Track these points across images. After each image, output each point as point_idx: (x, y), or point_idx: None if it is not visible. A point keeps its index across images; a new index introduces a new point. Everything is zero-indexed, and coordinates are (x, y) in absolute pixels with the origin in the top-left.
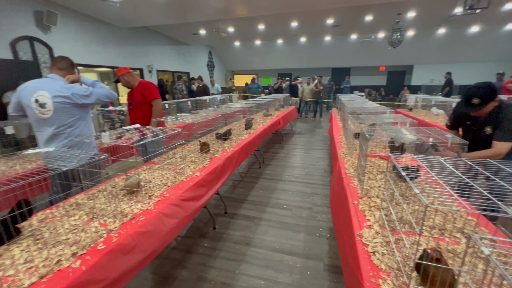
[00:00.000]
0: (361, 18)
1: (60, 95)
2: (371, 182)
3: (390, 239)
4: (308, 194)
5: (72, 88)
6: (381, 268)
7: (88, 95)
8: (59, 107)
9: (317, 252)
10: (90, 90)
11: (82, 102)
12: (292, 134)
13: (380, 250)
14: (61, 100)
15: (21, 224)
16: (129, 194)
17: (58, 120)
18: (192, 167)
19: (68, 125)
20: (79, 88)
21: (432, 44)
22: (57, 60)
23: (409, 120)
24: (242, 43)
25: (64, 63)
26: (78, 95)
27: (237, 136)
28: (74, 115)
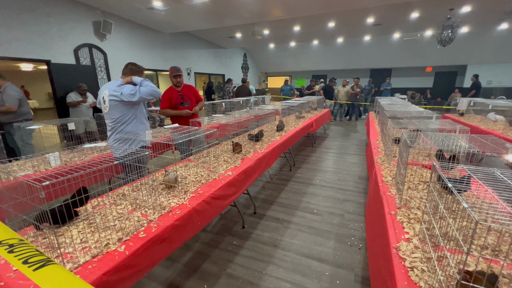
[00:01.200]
0: (406, 15)
1: (113, 94)
2: (411, 192)
3: (431, 256)
4: (340, 201)
5: (122, 88)
6: (420, 286)
7: (134, 93)
8: (112, 104)
9: (348, 262)
10: (135, 89)
11: (128, 100)
12: (325, 137)
13: (419, 266)
14: (113, 98)
15: (79, 209)
16: (167, 189)
17: (112, 116)
18: (225, 166)
19: (120, 121)
20: (128, 87)
21: (491, 42)
22: (124, 67)
23: (459, 126)
24: (276, 45)
25: (125, 69)
26: (126, 94)
27: (268, 137)
28: (124, 112)
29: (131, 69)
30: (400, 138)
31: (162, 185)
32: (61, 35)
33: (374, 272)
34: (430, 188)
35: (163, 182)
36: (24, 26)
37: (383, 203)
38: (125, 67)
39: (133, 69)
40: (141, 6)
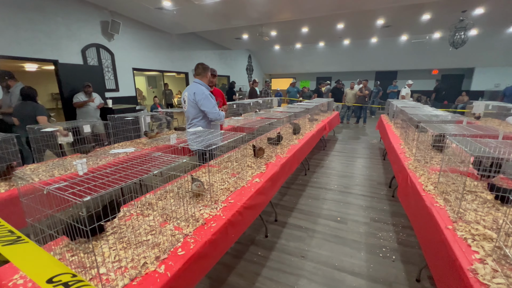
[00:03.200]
0: (416, 17)
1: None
2: (462, 203)
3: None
4: (363, 207)
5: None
6: None
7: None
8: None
9: (383, 275)
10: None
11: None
12: (335, 140)
13: None
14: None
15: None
16: (194, 197)
17: (189, 113)
18: (250, 172)
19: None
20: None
21: (499, 44)
22: (195, 68)
23: (502, 131)
24: (281, 47)
25: (198, 69)
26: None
27: (287, 141)
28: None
29: (204, 68)
30: (443, 145)
31: (188, 193)
32: (69, 35)
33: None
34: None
35: (193, 190)
36: (32, 25)
37: (434, 216)
38: (197, 68)
39: (205, 67)
40: (150, 6)
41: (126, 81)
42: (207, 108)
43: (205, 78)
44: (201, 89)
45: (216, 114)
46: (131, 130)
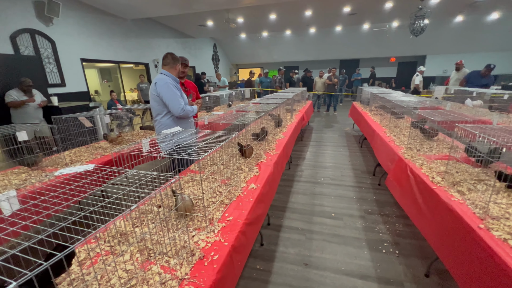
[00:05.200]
0: (380, 5)
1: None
2: (474, 195)
3: None
4: (354, 200)
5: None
6: None
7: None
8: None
9: (392, 275)
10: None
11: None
12: (310, 130)
13: None
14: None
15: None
16: (181, 217)
17: (152, 109)
18: (242, 176)
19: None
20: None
21: (448, 33)
22: (163, 57)
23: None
24: (248, 35)
25: (167, 59)
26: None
27: (271, 135)
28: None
29: (174, 59)
30: (454, 133)
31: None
32: None
33: None
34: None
35: (178, 210)
36: None
37: (458, 213)
38: (165, 57)
39: (175, 58)
40: None
41: (74, 74)
42: (168, 99)
43: (173, 70)
44: (163, 78)
45: (178, 109)
46: (86, 132)
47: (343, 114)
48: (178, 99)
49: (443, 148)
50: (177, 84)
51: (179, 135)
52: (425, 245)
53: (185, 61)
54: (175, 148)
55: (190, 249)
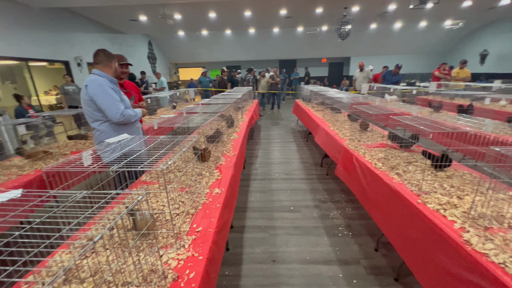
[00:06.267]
0: (311, 10)
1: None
2: (409, 175)
3: (509, 241)
4: (308, 191)
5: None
6: None
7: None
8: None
9: (350, 255)
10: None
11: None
12: (258, 128)
13: (505, 258)
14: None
15: None
16: (142, 237)
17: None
18: (204, 182)
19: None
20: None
21: (366, 38)
22: (94, 55)
23: (416, 108)
24: (187, 33)
25: (99, 57)
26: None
27: (226, 136)
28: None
29: (108, 56)
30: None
31: (129, 233)
32: None
33: (425, 267)
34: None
35: (136, 229)
36: None
37: (401, 193)
38: (97, 55)
39: (109, 55)
40: None
41: None
42: (103, 103)
43: (108, 69)
44: (96, 79)
45: (117, 114)
46: None
47: (287, 111)
48: (115, 102)
49: (377, 137)
50: (115, 85)
51: (128, 144)
52: (371, 223)
53: (124, 60)
54: (124, 158)
55: (161, 272)
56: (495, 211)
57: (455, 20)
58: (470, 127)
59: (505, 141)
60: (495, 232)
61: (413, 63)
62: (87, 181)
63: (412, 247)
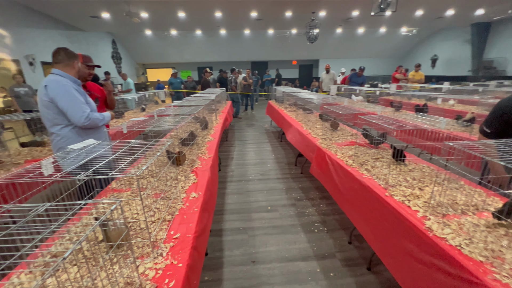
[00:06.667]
0: (281, 13)
1: None
2: (377, 170)
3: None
4: (284, 190)
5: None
6: (480, 260)
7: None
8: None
9: (326, 249)
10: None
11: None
12: (232, 129)
13: (460, 241)
14: None
15: None
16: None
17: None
18: (180, 186)
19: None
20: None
21: (332, 42)
22: (54, 54)
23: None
24: (155, 33)
25: (60, 56)
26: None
27: (201, 139)
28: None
29: (69, 55)
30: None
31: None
32: None
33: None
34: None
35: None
36: None
37: (371, 188)
38: (57, 54)
39: (70, 54)
40: None
41: None
42: (66, 105)
43: (70, 69)
44: (57, 80)
45: (82, 117)
46: None
47: (260, 112)
48: (80, 105)
49: (347, 136)
50: (79, 86)
51: (94, 149)
52: (345, 218)
53: (89, 61)
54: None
55: (138, 284)
56: (450, 199)
57: (409, 28)
58: (427, 124)
59: (455, 136)
60: (451, 218)
61: (375, 66)
62: (43, 193)
63: (381, 237)
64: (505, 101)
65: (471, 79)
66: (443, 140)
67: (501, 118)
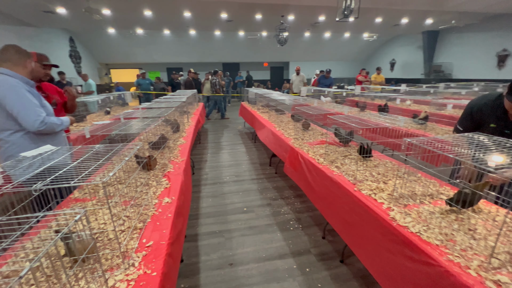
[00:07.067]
0: (251, 15)
1: None
2: (346, 167)
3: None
4: (259, 191)
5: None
6: (436, 244)
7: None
8: None
9: (302, 246)
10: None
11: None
12: (205, 131)
13: (419, 228)
14: None
15: None
16: (82, 264)
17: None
18: (151, 192)
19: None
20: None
21: (301, 45)
22: (1, 51)
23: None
24: (120, 31)
25: (8, 54)
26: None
27: (172, 142)
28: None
29: (19, 53)
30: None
31: (65, 260)
32: None
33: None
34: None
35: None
36: None
37: (341, 184)
38: (4, 51)
39: (21, 51)
40: None
41: None
42: (17, 108)
43: (21, 68)
44: (6, 80)
45: (36, 122)
46: None
47: (233, 114)
48: (34, 108)
49: (318, 135)
50: (32, 88)
51: (52, 156)
52: (318, 214)
53: (44, 59)
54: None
55: None
56: (410, 190)
57: (370, 33)
58: (388, 123)
59: (412, 133)
60: (411, 207)
61: (341, 69)
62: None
63: (352, 230)
64: (474, 101)
65: (424, 81)
66: (402, 137)
67: (471, 116)
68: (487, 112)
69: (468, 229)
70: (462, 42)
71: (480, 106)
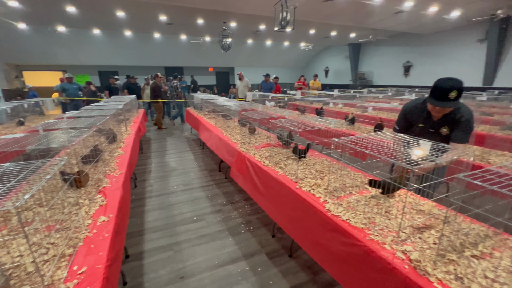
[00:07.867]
0: (192, 20)
1: None
2: (289, 167)
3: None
4: (209, 198)
5: None
6: (362, 227)
7: None
8: None
9: (253, 247)
10: None
11: None
12: (148, 140)
13: (349, 215)
14: None
15: None
16: None
17: None
18: (83, 212)
19: None
20: None
21: (245, 51)
22: None
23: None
24: (35, 27)
25: None
26: None
27: (108, 153)
28: None
29: None
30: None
31: None
32: None
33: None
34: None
35: None
36: None
37: (284, 183)
38: None
39: None
40: None
41: None
42: None
43: None
44: None
45: None
46: None
47: (178, 120)
48: None
49: (263, 139)
50: None
51: None
52: (267, 215)
53: None
54: None
55: None
56: (341, 184)
57: (306, 43)
58: (321, 125)
59: (343, 133)
60: (342, 198)
61: (284, 75)
62: None
63: (297, 225)
64: (407, 104)
65: (352, 87)
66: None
67: (404, 117)
68: (416, 114)
69: (384, 211)
70: (379, 54)
71: (411, 108)
